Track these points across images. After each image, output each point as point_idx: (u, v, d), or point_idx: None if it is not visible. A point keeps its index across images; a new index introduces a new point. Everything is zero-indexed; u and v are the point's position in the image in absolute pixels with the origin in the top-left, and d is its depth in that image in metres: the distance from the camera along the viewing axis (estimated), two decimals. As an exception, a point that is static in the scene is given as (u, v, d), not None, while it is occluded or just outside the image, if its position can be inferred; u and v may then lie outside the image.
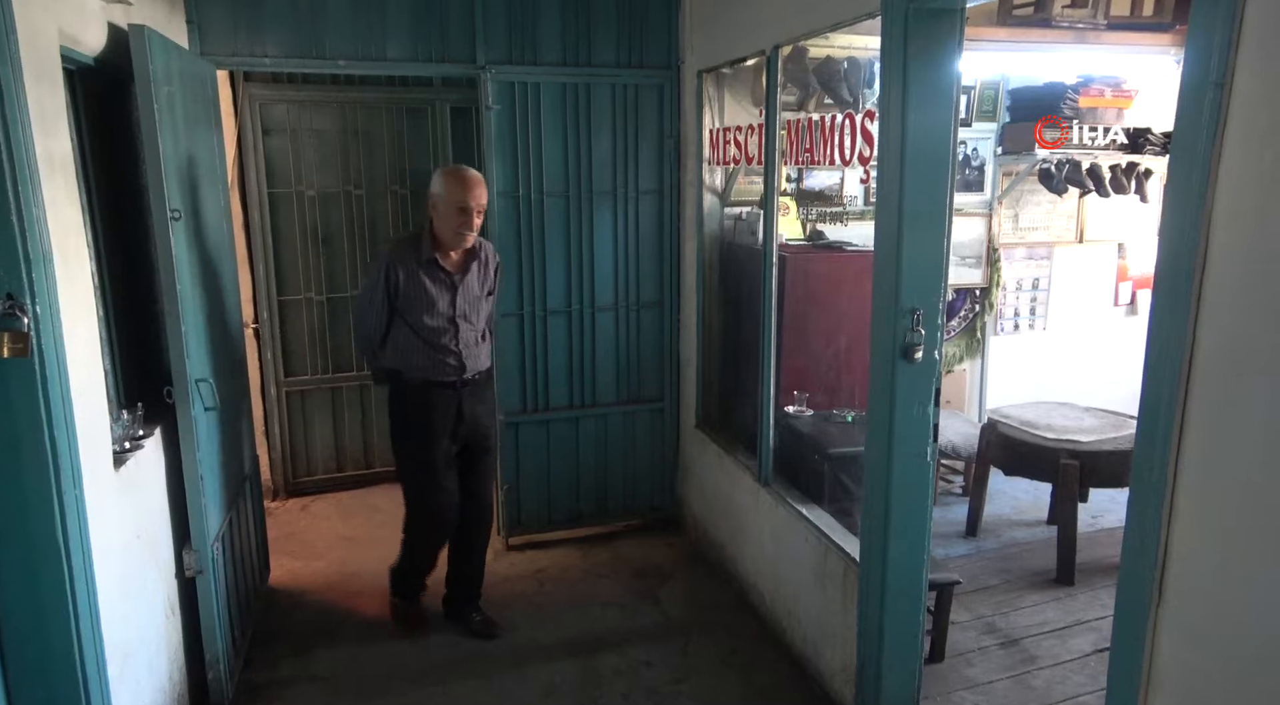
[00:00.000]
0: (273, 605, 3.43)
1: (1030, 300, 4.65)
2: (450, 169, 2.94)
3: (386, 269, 2.89)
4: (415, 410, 3.01)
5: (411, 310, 2.92)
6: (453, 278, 2.97)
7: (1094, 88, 4.07)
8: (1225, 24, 1.33)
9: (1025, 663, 2.97)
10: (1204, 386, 1.41)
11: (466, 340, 3.01)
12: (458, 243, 2.92)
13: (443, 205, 2.87)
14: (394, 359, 2.99)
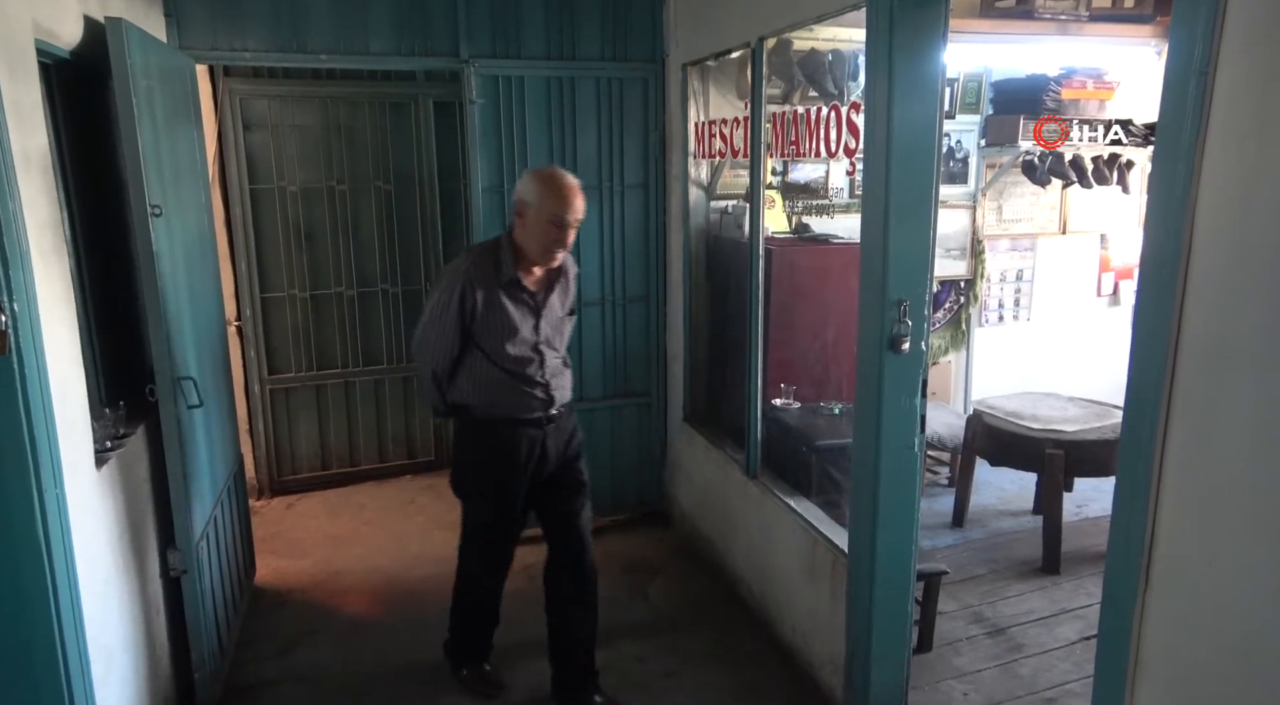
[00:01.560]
0: (259, 605, 3.40)
1: (1014, 291, 4.68)
2: (546, 173, 2.49)
3: (463, 290, 2.44)
4: (493, 454, 2.57)
5: (490, 338, 2.50)
6: (535, 298, 2.55)
7: (1076, 79, 4.09)
8: (1208, 11, 1.33)
9: (1012, 651, 3.00)
10: (1189, 375, 1.42)
11: (553, 369, 2.60)
12: (546, 260, 2.50)
13: (533, 215, 2.42)
14: (467, 393, 2.56)
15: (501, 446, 2.56)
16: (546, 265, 2.53)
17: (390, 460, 4.75)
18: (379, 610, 3.39)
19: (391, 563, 3.76)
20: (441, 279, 2.54)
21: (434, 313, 2.51)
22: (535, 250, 2.47)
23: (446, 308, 2.48)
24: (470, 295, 2.45)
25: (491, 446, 2.57)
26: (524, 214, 2.45)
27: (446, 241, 4.61)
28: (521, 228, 2.47)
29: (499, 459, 2.57)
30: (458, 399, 2.59)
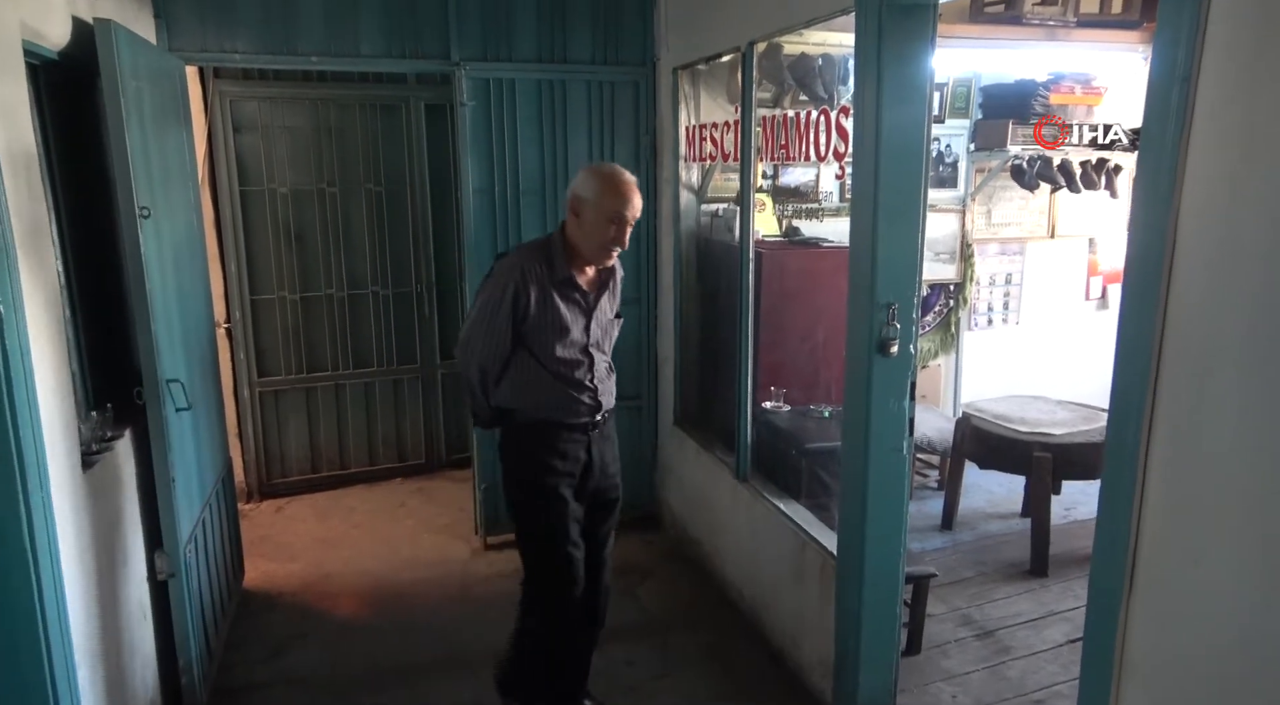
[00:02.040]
0: (248, 608, 3.39)
1: (1003, 295, 4.70)
2: (605, 170, 2.40)
3: (516, 288, 2.33)
4: (543, 459, 2.44)
5: (540, 339, 2.39)
6: (588, 298, 2.45)
7: (1064, 85, 4.12)
8: (1191, 20, 1.34)
9: (1000, 654, 3.01)
10: (1173, 379, 1.43)
11: (600, 373, 2.50)
12: (601, 259, 2.42)
13: (590, 212, 2.34)
14: (512, 397, 2.43)
15: (552, 450, 2.44)
16: (602, 264, 2.45)
17: (380, 463, 4.74)
18: (368, 613, 3.38)
19: (381, 566, 3.75)
20: (491, 277, 2.41)
21: (484, 311, 2.38)
22: (591, 248, 2.38)
23: (499, 306, 2.34)
24: (524, 293, 2.34)
25: (541, 451, 2.44)
26: (580, 211, 2.36)
27: (437, 244, 4.60)
28: (576, 225, 2.38)
29: (549, 461, 2.44)
30: (502, 402, 2.46)
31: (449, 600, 3.46)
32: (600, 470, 2.54)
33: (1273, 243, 1.25)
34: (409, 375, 4.71)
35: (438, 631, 3.22)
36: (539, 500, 2.46)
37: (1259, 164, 1.27)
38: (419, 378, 4.74)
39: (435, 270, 4.63)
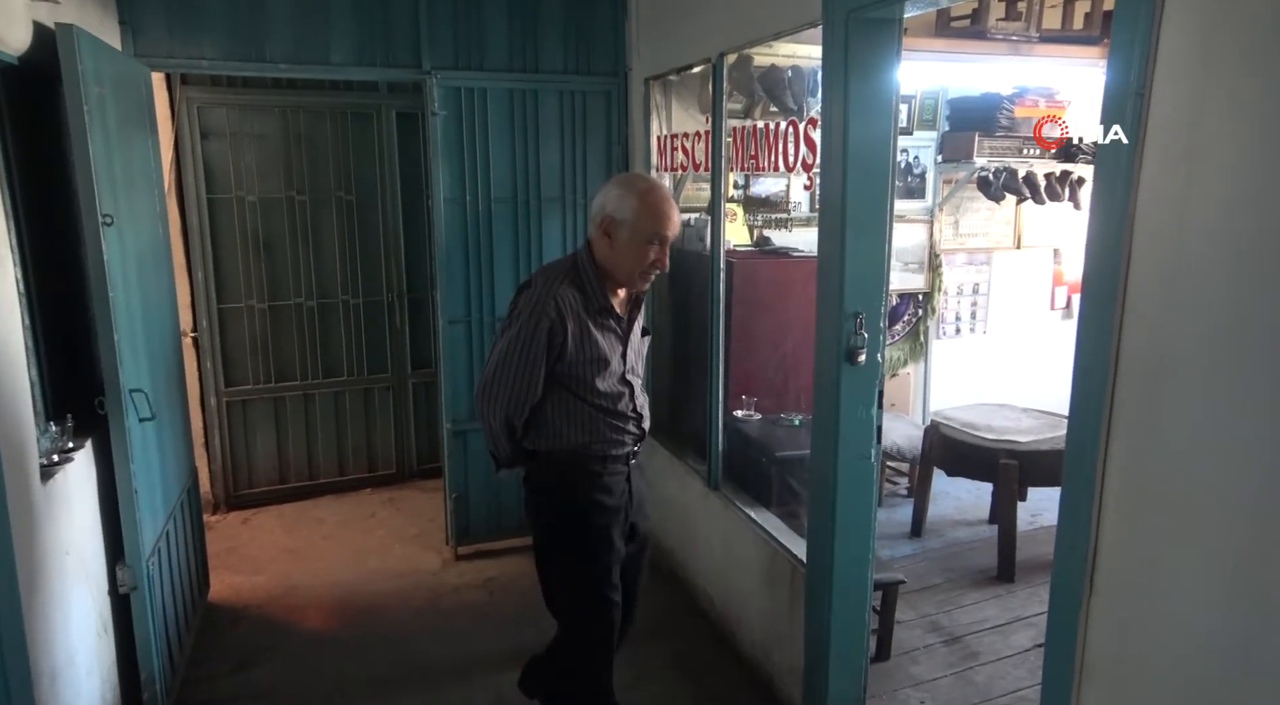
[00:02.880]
0: (212, 622, 3.33)
1: (971, 304, 4.77)
2: (638, 183, 2.19)
3: (551, 325, 2.10)
4: (589, 496, 2.24)
5: (579, 375, 2.17)
6: (623, 324, 2.25)
7: (1028, 98, 4.20)
8: (1143, 37, 1.38)
9: (968, 659, 3.04)
10: (1129, 386, 1.46)
11: (640, 400, 2.32)
12: (639, 284, 2.21)
13: (628, 234, 2.12)
14: (548, 438, 2.21)
15: (597, 488, 2.23)
16: (640, 289, 2.24)
17: (350, 473, 4.69)
18: (337, 626, 3.34)
19: (350, 577, 3.71)
20: (517, 314, 2.15)
21: (511, 353, 2.12)
22: (627, 273, 2.17)
23: (529, 346, 2.10)
24: (560, 330, 2.10)
25: (584, 486, 2.23)
26: (613, 233, 2.13)
27: (409, 253, 4.58)
28: (609, 248, 2.15)
29: (597, 500, 2.23)
30: (536, 445, 2.23)
31: (418, 612, 3.43)
32: (639, 499, 2.39)
33: (1221, 253, 1.29)
34: (380, 385, 4.68)
35: (407, 644, 3.19)
36: (586, 544, 2.24)
37: (1208, 176, 1.30)
38: (390, 387, 4.70)
39: (406, 279, 4.61)
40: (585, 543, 2.25)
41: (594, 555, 2.25)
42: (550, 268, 2.30)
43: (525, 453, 2.26)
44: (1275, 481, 1.24)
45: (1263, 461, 1.25)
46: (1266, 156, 1.22)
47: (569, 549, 2.28)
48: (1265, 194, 1.23)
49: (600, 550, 2.26)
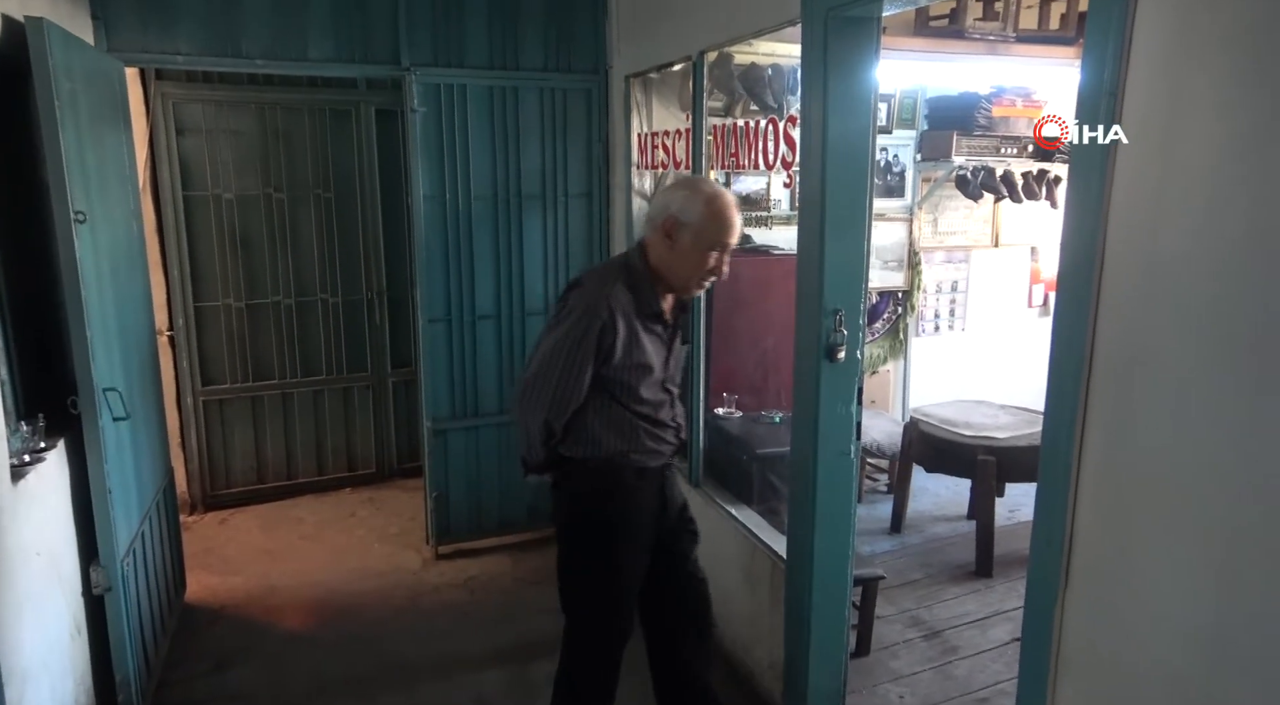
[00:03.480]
0: (189, 623, 3.30)
1: (950, 302, 4.81)
2: (705, 187, 2.13)
3: (603, 326, 2.02)
4: (621, 512, 2.17)
5: (624, 381, 2.09)
6: (669, 330, 2.19)
7: (1006, 98, 4.23)
8: (1116, 37, 1.40)
9: (947, 653, 3.06)
10: (1103, 382, 1.48)
11: (678, 409, 2.26)
12: (693, 290, 2.17)
13: (690, 239, 2.05)
14: (584, 445, 2.13)
15: (630, 500, 2.17)
16: (691, 295, 2.19)
17: (329, 473, 4.66)
18: (315, 626, 3.31)
19: (329, 577, 3.69)
20: (567, 312, 2.07)
21: (557, 354, 2.03)
22: (683, 279, 2.11)
23: (577, 348, 2.01)
24: (611, 331, 2.02)
25: (618, 501, 2.16)
26: (675, 235, 2.05)
27: (388, 250, 4.55)
28: (668, 250, 2.08)
29: (627, 512, 2.16)
30: (571, 452, 2.15)
31: (399, 611, 3.41)
32: (674, 507, 2.33)
33: (1193, 249, 1.31)
34: (359, 383, 4.64)
35: (387, 643, 3.17)
36: (610, 560, 2.18)
37: (1180, 173, 1.32)
38: (369, 386, 4.67)
39: (386, 277, 4.58)
40: (609, 558, 2.18)
41: (616, 571, 2.19)
42: (603, 268, 2.23)
43: (558, 459, 2.17)
44: (1245, 473, 1.26)
45: (1233, 454, 1.27)
46: (1238, 154, 1.24)
47: (593, 558, 2.20)
48: (1236, 191, 1.24)
49: (625, 568, 2.20)
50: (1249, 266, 1.23)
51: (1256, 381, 1.23)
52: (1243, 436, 1.26)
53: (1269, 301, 1.21)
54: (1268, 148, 1.20)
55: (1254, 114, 1.21)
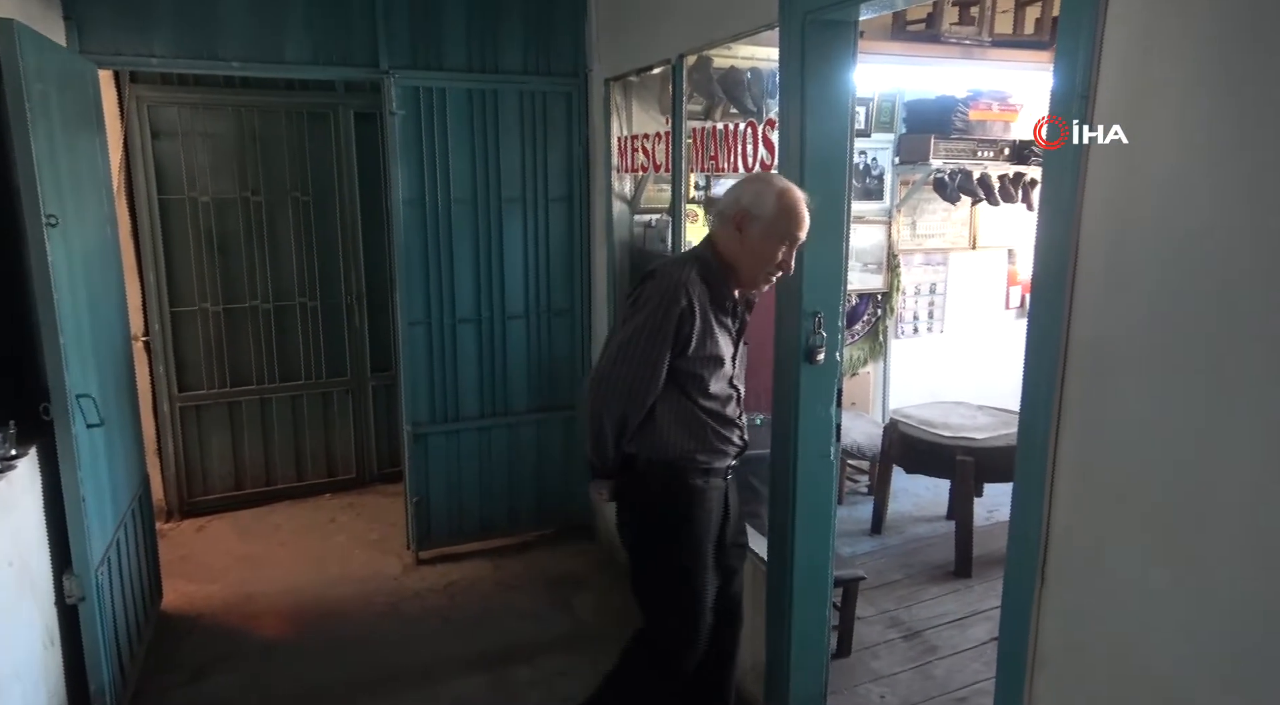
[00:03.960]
0: (166, 631, 3.26)
1: (928, 304, 4.84)
2: (778, 182, 2.08)
3: (682, 313, 2.00)
4: (688, 512, 2.14)
5: (696, 374, 2.07)
6: (737, 325, 2.19)
7: (982, 102, 4.27)
8: (1087, 43, 1.42)
9: (927, 653, 3.08)
10: (1077, 382, 1.50)
11: (742, 408, 2.25)
12: (760, 284, 2.15)
13: (761, 232, 2.04)
14: (653, 444, 2.10)
15: (698, 502, 2.14)
16: (759, 289, 2.18)
17: (309, 478, 4.62)
18: (295, 633, 3.28)
19: (309, 583, 3.65)
20: (645, 299, 2.04)
21: (638, 340, 2.00)
22: (752, 272, 2.10)
23: (656, 333, 1.98)
24: (689, 319, 2.01)
25: (685, 503, 2.13)
26: (746, 228, 2.05)
27: (368, 254, 4.53)
28: (738, 243, 2.07)
29: (695, 515, 2.14)
30: (640, 451, 2.11)
31: (379, 617, 3.39)
32: (735, 517, 2.31)
33: (1161, 249, 1.33)
34: (338, 388, 4.61)
35: (368, 649, 3.15)
36: (686, 564, 2.15)
37: (1149, 175, 1.34)
38: (349, 390, 4.64)
39: (366, 281, 4.55)
40: (684, 565, 2.15)
41: (691, 579, 2.17)
42: (679, 259, 2.21)
43: (624, 460, 2.13)
44: (1212, 470, 1.27)
45: (1200, 451, 1.29)
46: (1203, 155, 1.26)
47: (665, 567, 2.18)
48: (1200, 191, 1.26)
49: (698, 576, 2.17)
50: (1212, 266, 1.25)
51: (1222, 379, 1.25)
52: (1209, 434, 1.28)
53: (1233, 301, 1.23)
54: (1231, 149, 1.22)
55: (1219, 116, 1.23)
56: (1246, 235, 1.21)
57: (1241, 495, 1.24)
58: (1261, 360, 1.20)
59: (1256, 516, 1.22)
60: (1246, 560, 1.24)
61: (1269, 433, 1.20)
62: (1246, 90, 1.20)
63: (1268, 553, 1.21)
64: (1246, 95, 1.20)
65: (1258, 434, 1.21)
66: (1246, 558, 1.24)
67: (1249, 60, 1.20)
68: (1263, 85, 1.18)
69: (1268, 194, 1.18)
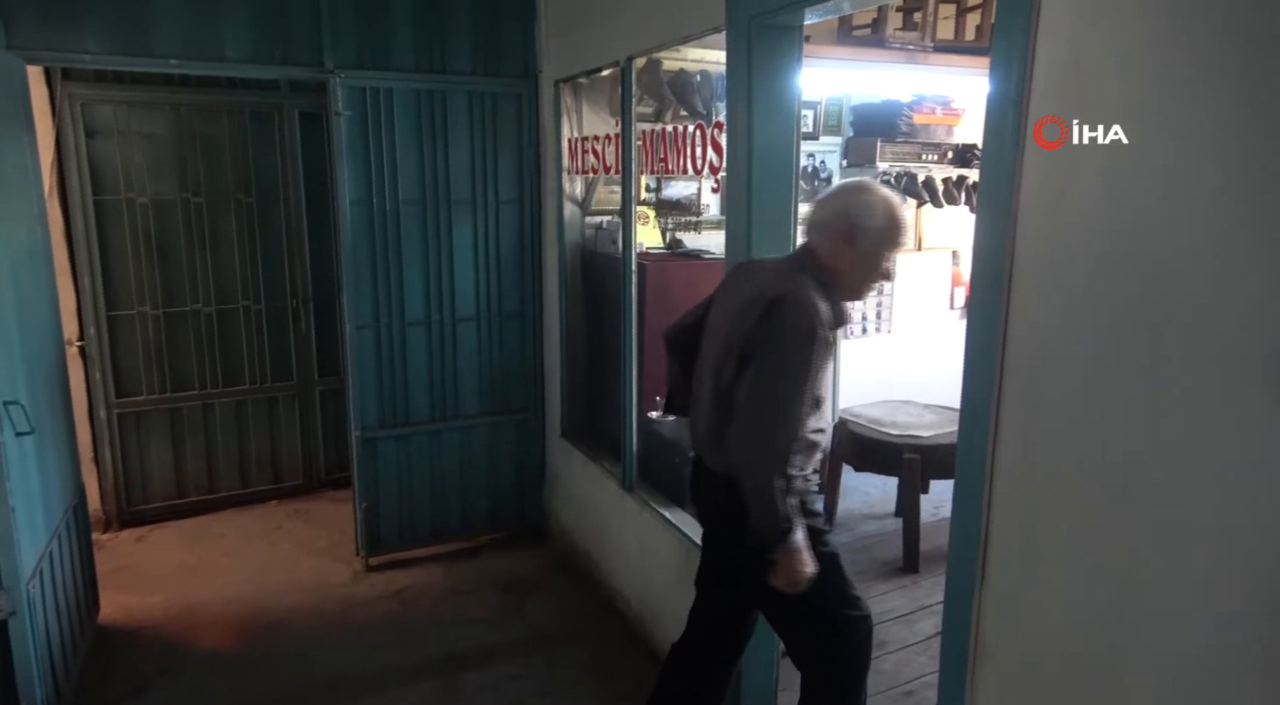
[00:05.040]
0: (104, 645, 3.16)
1: (877, 305, 4.92)
2: (879, 191, 2.02)
3: (827, 343, 1.93)
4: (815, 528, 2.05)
5: (816, 393, 1.97)
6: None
7: (926, 106, 4.36)
8: (1021, 49, 1.45)
9: (876, 648, 3.07)
10: (1014, 381, 1.53)
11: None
12: (863, 295, 2.13)
13: (872, 243, 1.98)
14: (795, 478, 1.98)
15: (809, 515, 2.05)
16: (859, 300, 2.11)
17: (254, 485, 4.52)
18: (240, 644, 3.20)
19: (255, 592, 3.57)
20: (794, 329, 1.88)
21: (798, 372, 1.87)
22: (857, 285, 2.05)
23: (810, 363, 1.87)
24: (826, 354, 1.93)
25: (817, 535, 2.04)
26: (857, 240, 1.97)
27: (314, 256, 4.44)
28: (847, 254, 1.99)
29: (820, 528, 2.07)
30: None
31: (328, 625, 3.33)
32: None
33: (1092, 252, 1.37)
34: (284, 393, 4.52)
35: (315, 659, 3.09)
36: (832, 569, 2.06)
37: (1081, 177, 1.38)
38: (295, 395, 4.55)
39: (312, 284, 4.47)
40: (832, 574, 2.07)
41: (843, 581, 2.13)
42: (786, 265, 2.06)
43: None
44: (1143, 463, 1.32)
45: (1130, 445, 1.33)
46: (1130, 157, 1.30)
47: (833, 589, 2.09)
48: (1129, 194, 1.31)
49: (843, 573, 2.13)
50: (1145, 267, 1.29)
51: (1153, 377, 1.29)
52: (1139, 430, 1.32)
53: (1160, 302, 1.27)
54: (1158, 152, 1.26)
55: (1146, 119, 1.28)
56: (1178, 234, 1.25)
57: (1170, 489, 1.29)
58: (1191, 358, 1.24)
59: (1183, 508, 1.27)
60: (1175, 551, 1.29)
61: (1195, 428, 1.24)
62: (1174, 92, 1.24)
63: (1194, 543, 1.26)
64: (1174, 98, 1.24)
65: (1184, 429, 1.26)
66: (1175, 548, 1.29)
67: (1176, 64, 1.24)
68: (1189, 85, 1.22)
69: (1195, 193, 1.22)
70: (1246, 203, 1.16)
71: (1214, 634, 1.25)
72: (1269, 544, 1.17)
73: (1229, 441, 1.20)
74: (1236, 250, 1.18)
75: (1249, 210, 1.16)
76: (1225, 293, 1.19)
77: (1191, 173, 1.22)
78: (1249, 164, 1.16)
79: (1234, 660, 1.23)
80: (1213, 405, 1.22)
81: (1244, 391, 1.18)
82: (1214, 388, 1.21)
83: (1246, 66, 1.15)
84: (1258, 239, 1.15)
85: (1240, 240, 1.17)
